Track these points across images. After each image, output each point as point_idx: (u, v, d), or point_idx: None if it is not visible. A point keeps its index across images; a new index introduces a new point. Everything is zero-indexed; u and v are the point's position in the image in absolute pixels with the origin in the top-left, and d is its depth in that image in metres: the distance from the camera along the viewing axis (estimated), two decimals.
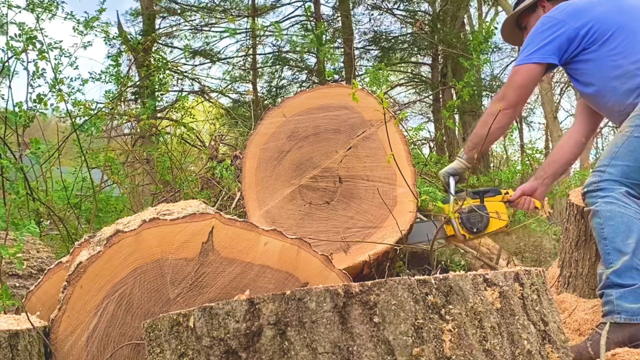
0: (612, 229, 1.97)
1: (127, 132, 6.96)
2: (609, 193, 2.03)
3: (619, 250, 1.92)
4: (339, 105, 2.58)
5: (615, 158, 2.06)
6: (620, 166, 2.05)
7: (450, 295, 0.96)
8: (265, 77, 11.91)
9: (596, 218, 2.01)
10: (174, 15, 11.44)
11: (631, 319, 1.84)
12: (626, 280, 1.89)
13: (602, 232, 1.99)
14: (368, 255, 2.32)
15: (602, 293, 1.93)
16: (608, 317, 1.87)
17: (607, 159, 2.08)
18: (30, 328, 1.38)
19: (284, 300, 0.93)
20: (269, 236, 1.56)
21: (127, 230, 1.49)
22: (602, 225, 1.99)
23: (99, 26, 4.23)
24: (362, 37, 11.68)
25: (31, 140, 2.42)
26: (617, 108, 2.17)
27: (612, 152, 2.08)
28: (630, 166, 2.04)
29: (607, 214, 1.99)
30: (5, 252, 1.78)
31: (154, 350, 1.07)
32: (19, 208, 3.25)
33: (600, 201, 2.03)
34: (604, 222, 1.99)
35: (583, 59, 2.21)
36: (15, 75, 3.40)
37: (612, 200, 2.01)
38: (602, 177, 2.06)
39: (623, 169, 2.05)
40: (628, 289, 1.88)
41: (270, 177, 2.57)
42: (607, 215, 1.99)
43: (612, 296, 1.87)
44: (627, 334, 1.82)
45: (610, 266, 1.91)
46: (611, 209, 1.99)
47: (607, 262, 1.93)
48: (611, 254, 1.93)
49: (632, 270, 1.90)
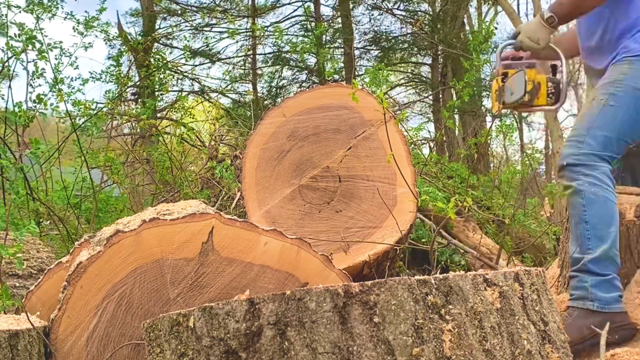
0: (595, 214, 1.95)
1: (127, 132, 6.96)
2: (592, 172, 1.99)
3: (599, 238, 1.93)
4: (339, 105, 2.58)
5: (593, 128, 2.01)
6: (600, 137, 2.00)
7: (450, 295, 0.96)
8: (265, 77, 11.91)
9: (578, 198, 1.98)
10: (174, 15, 11.45)
11: (603, 307, 1.89)
12: (602, 269, 1.92)
13: (583, 214, 1.96)
14: (368, 255, 2.32)
15: (576, 276, 1.94)
16: (579, 302, 1.90)
17: (584, 129, 2.02)
18: (30, 328, 1.38)
19: (284, 300, 0.93)
20: (269, 236, 1.56)
21: (127, 230, 1.49)
22: (585, 207, 1.97)
23: (99, 26, 4.23)
24: (362, 37, 11.69)
25: (31, 140, 2.42)
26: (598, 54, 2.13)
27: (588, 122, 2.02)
28: (609, 137, 2.00)
29: (591, 196, 1.96)
30: (5, 252, 1.78)
31: (154, 350, 1.07)
32: (19, 208, 3.25)
33: (583, 179, 1.98)
34: (586, 205, 1.97)
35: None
36: (15, 75, 3.40)
37: (595, 182, 1.97)
38: (581, 149, 2.00)
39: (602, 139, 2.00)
40: (603, 278, 1.91)
41: (270, 177, 2.57)
42: (590, 198, 1.96)
43: (587, 283, 1.90)
44: (597, 320, 1.86)
45: (588, 252, 1.92)
46: (595, 191, 1.97)
47: (586, 247, 1.93)
48: (591, 240, 1.93)
49: (609, 260, 1.93)
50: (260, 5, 11.88)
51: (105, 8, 4.10)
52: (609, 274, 1.93)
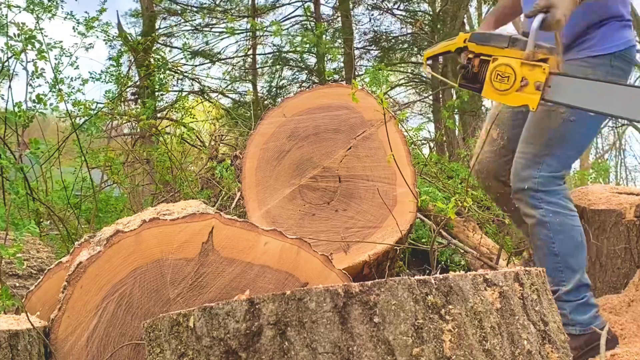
0: (564, 245, 1.89)
1: (127, 132, 6.96)
2: (554, 198, 1.90)
3: (572, 269, 1.90)
4: (339, 105, 2.58)
5: (553, 146, 1.89)
6: (561, 156, 1.90)
7: (450, 295, 0.96)
8: (265, 77, 11.92)
9: (543, 229, 1.90)
10: (174, 15, 11.45)
11: (585, 329, 1.90)
12: (577, 295, 1.92)
13: (552, 246, 1.90)
14: (368, 255, 2.32)
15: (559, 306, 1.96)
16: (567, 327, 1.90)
17: (542, 146, 1.90)
18: (30, 328, 1.38)
19: (284, 300, 0.93)
20: (269, 236, 1.56)
21: (127, 230, 1.49)
22: (552, 239, 1.90)
23: (99, 27, 4.23)
24: (362, 37, 11.70)
25: (31, 140, 2.42)
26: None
27: (547, 138, 1.89)
28: (569, 154, 1.93)
29: (557, 227, 1.89)
30: (5, 252, 1.78)
31: (154, 350, 1.07)
32: (19, 208, 3.25)
33: (547, 208, 1.89)
34: (554, 236, 1.90)
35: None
36: (15, 75, 3.40)
37: (559, 210, 1.90)
38: (541, 170, 1.90)
39: (564, 158, 1.91)
40: (579, 302, 1.91)
41: (270, 177, 2.57)
42: (557, 229, 1.89)
43: (566, 310, 1.89)
44: (582, 341, 1.89)
45: (562, 284, 1.90)
46: (561, 221, 1.89)
47: (559, 279, 1.90)
48: (564, 272, 1.90)
49: (582, 287, 1.93)
50: (260, 5, 11.88)
51: (105, 9, 4.11)
52: (584, 297, 1.93)
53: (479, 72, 1.81)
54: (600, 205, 2.57)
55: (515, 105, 1.74)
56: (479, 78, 1.81)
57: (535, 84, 1.68)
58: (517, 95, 1.71)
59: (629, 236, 2.45)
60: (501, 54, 1.75)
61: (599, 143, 18.05)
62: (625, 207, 2.48)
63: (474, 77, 1.82)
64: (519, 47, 1.72)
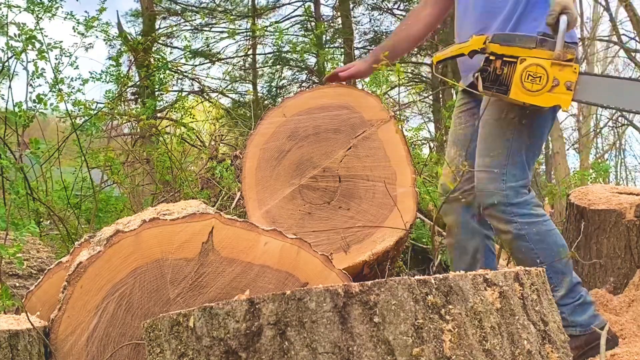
0: (547, 253, 1.89)
1: (127, 132, 6.96)
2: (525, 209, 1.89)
3: (560, 272, 1.90)
4: (339, 105, 2.57)
5: (513, 154, 1.89)
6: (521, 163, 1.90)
7: (450, 295, 0.96)
8: (265, 77, 11.92)
9: (523, 242, 1.89)
10: (174, 15, 11.45)
11: (585, 330, 1.91)
12: (573, 297, 1.92)
13: (535, 257, 1.89)
14: (368, 255, 2.32)
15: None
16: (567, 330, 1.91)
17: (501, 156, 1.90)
18: (30, 328, 1.38)
19: (284, 300, 0.93)
20: (269, 236, 1.56)
21: (127, 230, 1.49)
22: (534, 250, 1.89)
23: (99, 26, 4.23)
24: (362, 37, 11.70)
25: (31, 140, 2.42)
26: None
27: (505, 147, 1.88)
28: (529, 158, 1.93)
29: (535, 237, 1.88)
30: (5, 252, 1.78)
31: (154, 350, 1.07)
32: (19, 208, 3.25)
33: (520, 221, 1.88)
34: (535, 247, 1.89)
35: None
36: (15, 75, 3.40)
37: (533, 219, 1.89)
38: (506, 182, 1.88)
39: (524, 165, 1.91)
40: (576, 304, 1.92)
41: (270, 177, 2.57)
42: (536, 239, 1.88)
43: (565, 314, 1.89)
44: (583, 340, 1.90)
45: (556, 290, 1.89)
46: (537, 230, 1.88)
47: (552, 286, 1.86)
48: (554, 278, 1.89)
49: (575, 287, 1.93)
50: (260, 6, 11.89)
51: (105, 8, 4.10)
52: (580, 296, 1.94)
53: (502, 74, 1.77)
54: (600, 205, 2.57)
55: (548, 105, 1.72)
56: (502, 80, 1.78)
57: (566, 84, 1.68)
58: (549, 96, 1.70)
59: (629, 236, 2.45)
60: (529, 54, 1.73)
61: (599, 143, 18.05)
62: (625, 207, 2.48)
63: (496, 79, 1.79)
64: (547, 47, 1.71)
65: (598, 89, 1.69)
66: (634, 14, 9.81)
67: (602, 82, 1.71)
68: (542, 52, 1.72)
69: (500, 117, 1.89)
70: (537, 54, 1.72)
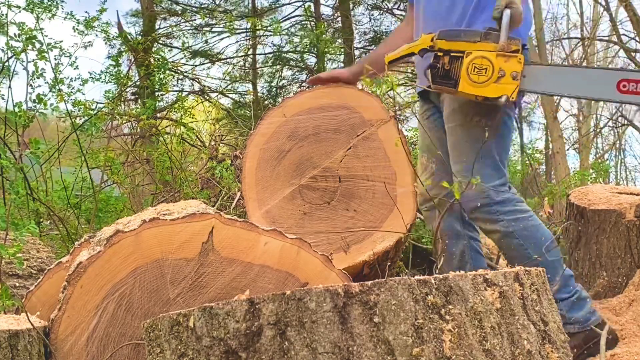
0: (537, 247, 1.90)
1: (127, 132, 6.96)
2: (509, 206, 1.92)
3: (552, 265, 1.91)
4: (339, 105, 2.57)
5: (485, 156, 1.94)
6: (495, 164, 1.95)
7: (450, 295, 0.96)
8: (265, 77, 11.91)
9: (513, 239, 1.92)
10: (174, 15, 11.46)
11: (584, 326, 1.91)
12: (569, 291, 1.93)
13: (526, 253, 1.91)
14: (368, 255, 2.32)
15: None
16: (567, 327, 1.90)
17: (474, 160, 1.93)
18: (30, 328, 1.38)
19: (284, 300, 0.93)
20: (269, 236, 1.56)
21: (127, 230, 1.49)
22: (524, 246, 1.91)
23: (99, 26, 4.23)
24: (362, 37, 11.68)
25: (31, 140, 2.42)
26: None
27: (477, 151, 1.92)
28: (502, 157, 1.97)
29: (523, 232, 1.91)
30: (5, 252, 1.78)
31: (154, 350, 1.07)
32: (19, 208, 3.25)
33: (506, 219, 1.91)
34: (525, 243, 1.91)
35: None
36: (15, 75, 3.40)
37: (518, 215, 1.92)
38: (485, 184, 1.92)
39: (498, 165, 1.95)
40: (572, 299, 1.92)
41: (270, 177, 2.57)
42: (524, 235, 1.91)
43: (563, 310, 1.89)
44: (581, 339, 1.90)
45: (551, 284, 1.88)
46: (525, 225, 1.91)
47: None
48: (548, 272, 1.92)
49: (568, 280, 1.94)
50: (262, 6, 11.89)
51: (105, 8, 4.10)
52: (575, 290, 1.94)
53: (450, 69, 1.83)
54: (600, 205, 2.56)
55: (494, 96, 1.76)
56: (451, 75, 1.83)
57: (512, 74, 1.73)
58: (496, 87, 1.75)
59: (629, 236, 2.45)
60: (474, 48, 1.78)
61: (599, 143, 18.06)
62: (625, 207, 2.48)
63: (446, 75, 1.84)
64: (491, 40, 1.77)
65: (543, 77, 1.74)
66: (634, 14, 9.82)
67: (547, 71, 1.76)
68: (486, 44, 1.76)
69: (465, 122, 1.94)
70: (482, 47, 1.76)
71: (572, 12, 29.31)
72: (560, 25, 17.55)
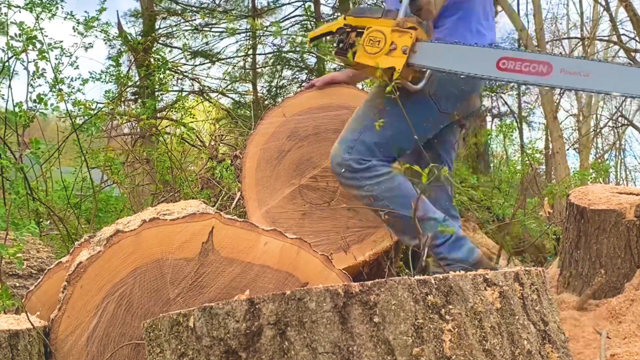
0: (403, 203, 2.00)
1: (127, 132, 6.96)
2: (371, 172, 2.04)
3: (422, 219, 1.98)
4: (339, 105, 2.57)
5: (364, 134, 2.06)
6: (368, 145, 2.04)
7: (450, 295, 0.96)
8: (265, 77, 11.92)
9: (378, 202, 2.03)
10: (174, 15, 11.46)
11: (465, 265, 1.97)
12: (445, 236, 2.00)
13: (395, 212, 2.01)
14: (368, 255, 2.32)
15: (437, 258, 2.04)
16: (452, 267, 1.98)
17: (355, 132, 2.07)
18: (30, 328, 1.38)
19: (284, 300, 0.93)
20: (269, 236, 1.56)
21: (127, 230, 1.49)
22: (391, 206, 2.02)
23: (99, 26, 4.22)
24: None
25: (31, 140, 2.42)
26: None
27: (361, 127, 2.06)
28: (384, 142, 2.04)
29: (387, 194, 2.01)
30: (5, 252, 1.78)
31: (154, 350, 1.07)
32: (19, 208, 3.25)
33: (369, 184, 2.03)
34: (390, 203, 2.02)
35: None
36: (15, 75, 3.40)
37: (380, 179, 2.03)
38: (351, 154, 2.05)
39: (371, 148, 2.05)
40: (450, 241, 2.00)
41: (270, 177, 2.57)
42: (388, 196, 2.02)
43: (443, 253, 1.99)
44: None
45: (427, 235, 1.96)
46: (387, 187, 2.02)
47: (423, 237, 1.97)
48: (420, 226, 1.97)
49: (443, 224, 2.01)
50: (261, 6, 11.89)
51: (105, 8, 4.10)
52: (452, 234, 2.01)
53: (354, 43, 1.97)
54: (600, 205, 2.56)
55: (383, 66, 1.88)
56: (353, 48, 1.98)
57: (402, 48, 1.86)
58: (385, 58, 1.88)
59: (629, 236, 2.44)
60: (375, 23, 1.93)
61: (599, 143, 18.06)
62: (625, 207, 2.48)
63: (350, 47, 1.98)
64: (391, 16, 1.92)
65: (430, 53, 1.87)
66: (634, 14, 9.81)
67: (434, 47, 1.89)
68: (386, 21, 1.92)
69: (368, 100, 2.09)
70: (382, 23, 1.92)
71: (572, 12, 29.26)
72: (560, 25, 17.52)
